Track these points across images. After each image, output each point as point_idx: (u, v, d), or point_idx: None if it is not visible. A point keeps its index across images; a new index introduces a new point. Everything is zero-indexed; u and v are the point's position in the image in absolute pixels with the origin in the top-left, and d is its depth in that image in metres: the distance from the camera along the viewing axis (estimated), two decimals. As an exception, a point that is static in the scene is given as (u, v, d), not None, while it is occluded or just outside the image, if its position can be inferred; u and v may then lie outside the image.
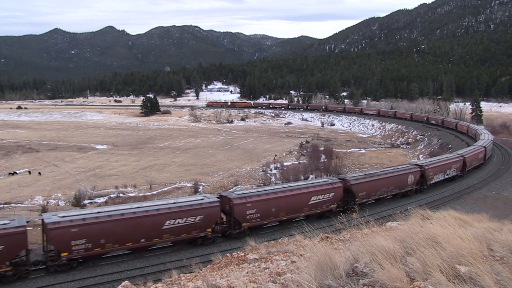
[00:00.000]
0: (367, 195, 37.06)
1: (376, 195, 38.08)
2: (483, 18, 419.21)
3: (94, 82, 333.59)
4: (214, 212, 28.01)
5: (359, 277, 6.06)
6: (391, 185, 39.22)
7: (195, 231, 27.11)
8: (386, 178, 38.92)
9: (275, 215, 30.67)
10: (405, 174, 41.05)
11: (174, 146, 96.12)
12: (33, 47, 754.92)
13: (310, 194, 32.74)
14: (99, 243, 24.00)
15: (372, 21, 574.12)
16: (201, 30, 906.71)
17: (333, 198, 34.25)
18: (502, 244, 6.85)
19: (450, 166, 47.81)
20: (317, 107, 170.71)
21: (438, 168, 45.47)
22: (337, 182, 35.27)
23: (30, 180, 64.84)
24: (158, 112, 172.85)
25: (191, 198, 29.22)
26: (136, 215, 25.19)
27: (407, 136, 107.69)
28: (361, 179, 36.86)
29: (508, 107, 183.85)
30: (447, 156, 52.69)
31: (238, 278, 8.34)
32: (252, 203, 29.05)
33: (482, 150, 57.88)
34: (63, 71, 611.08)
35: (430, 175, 43.67)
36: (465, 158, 50.57)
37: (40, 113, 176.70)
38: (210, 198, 28.61)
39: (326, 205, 33.83)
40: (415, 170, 42.22)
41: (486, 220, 12.12)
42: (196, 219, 26.84)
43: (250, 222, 29.23)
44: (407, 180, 41.03)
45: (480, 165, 57.74)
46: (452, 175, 48.55)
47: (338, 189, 34.62)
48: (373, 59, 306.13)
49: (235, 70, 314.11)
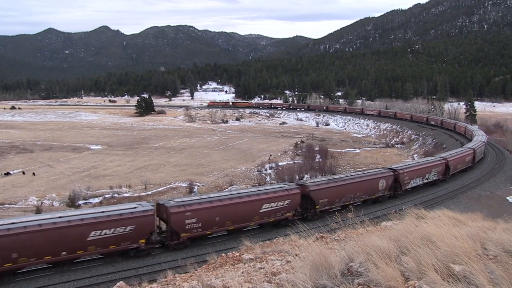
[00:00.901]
0: (330, 202, 34.40)
1: (341, 201, 35.28)
2: (477, 18, 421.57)
3: (89, 82, 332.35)
4: (147, 221, 25.75)
5: (354, 276, 6.07)
6: (359, 191, 36.63)
7: (125, 242, 24.92)
8: (352, 184, 36.26)
9: (220, 225, 28.34)
10: (375, 178, 38.34)
11: (169, 146, 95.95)
12: (27, 47, 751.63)
13: (261, 202, 30.14)
14: (10, 258, 21.85)
15: (366, 21, 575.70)
16: (196, 30, 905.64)
17: (289, 206, 31.66)
18: (496, 243, 6.90)
19: (430, 170, 45.14)
20: (318, 107, 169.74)
21: (415, 172, 42.85)
22: (294, 188, 32.73)
23: (24, 181, 64.54)
24: (153, 112, 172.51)
25: (122, 207, 26.83)
26: (56, 225, 23.13)
27: (401, 136, 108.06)
28: (323, 184, 34.36)
29: (502, 107, 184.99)
30: (427, 159, 50.26)
31: (233, 278, 8.34)
32: (192, 212, 26.91)
33: (469, 152, 55.08)
34: (57, 71, 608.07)
35: (405, 179, 41.13)
36: (448, 161, 48.07)
37: (34, 113, 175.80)
38: (144, 206, 26.39)
39: (281, 213, 31.25)
40: (387, 174, 39.60)
41: (480, 219, 12.18)
42: (126, 230, 24.71)
43: (190, 232, 27.05)
44: (378, 185, 38.34)
45: (468, 168, 54.98)
46: (433, 179, 45.99)
47: (295, 195, 32.04)
48: (367, 59, 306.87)
49: (230, 70, 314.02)
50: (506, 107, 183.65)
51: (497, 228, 8.84)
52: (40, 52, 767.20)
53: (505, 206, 38.78)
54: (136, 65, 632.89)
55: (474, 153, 56.11)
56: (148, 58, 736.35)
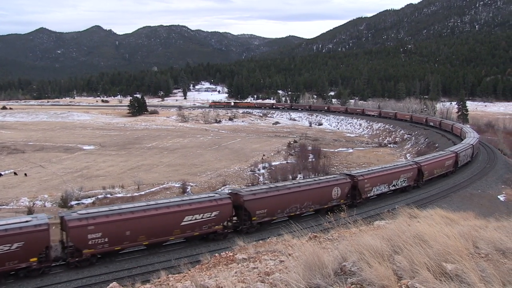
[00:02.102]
0: (270, 213, 30.76)
1: (284, 212, 31.72)
2: (468, 18, 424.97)
3: (81, 82, 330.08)
4: (40, 237, 22.48)
5: (348, 276, 6.09)
6: (307, 200, 32.91)
7: (12, 262, 21.61)
8: (299, 192, 32.47)
9: (131, 240, 25.28)
10: (328, 186, 34.58)
11: (162, 146, 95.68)
12: (17, 47, 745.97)
13: (182, 214, 26.74)
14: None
15: (359, 21, 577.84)
16: (189, 30, 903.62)
17: (218, 218, 28.29)
18: (487, 242, 6.96)
19: (398, 176, 41.43)
20: (320, 108, 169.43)
21: (378, 179, 39.11)
22: (224, 198, 29.13)
23: (15, 181, 64.05)
24: (145, 112, 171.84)
25: (11, 221, 22.92)
26: None
27: (394, 136, 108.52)
28: (260, 193, 30.59)
29: (493, 106, 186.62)
30: (395, 164, 46.26)
31: (227, 278, 8.34)
32: (96, 225, 23.87)
33: (450, 156, 51.13)
34: (49, 71, 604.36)
35: (365, 187, 37.54)
36: (421, 166, 44.39)
37: (26, 113, 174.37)
38: (39, 220, 23.12)
39: (208, 225, 27.87)
40: (343, 181, 35.92)
41: (472, 218, 12.29)
42: (12, 247, 21.44)
43: (95, 249, 24.03)
44: (332, 193, 34.62)
45: (449, 173, 51.19)
46: (402, 186, 42.20)
47: (225, 206, 28.64)
48: (360, 59, 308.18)
49: (223, 70, 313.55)
50: (497, 107, 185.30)
51: (489, 227, 8.91)
52: (31, 51, 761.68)
53: (496, 205, 39.13)
54: (129, 65, 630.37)
55: (456, 157, 52.06)
56: (140, 58, 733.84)
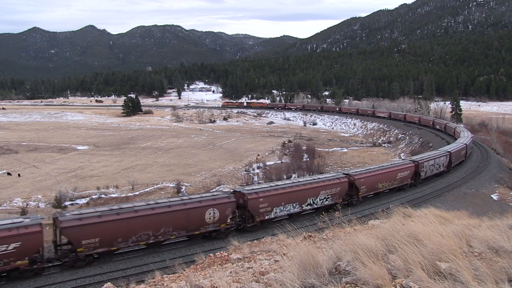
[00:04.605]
0: (101, 244, 24.14)
1: (126, 243, 25.08)
2: (462, 19, 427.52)
3: (75, 82, 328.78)
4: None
5: (342, 275, 6.11)
6: (165, 226, 26.08)
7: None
8: (147, 216, 25.40)
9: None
10: (201, 207, 27.64)
11: (156, 146, 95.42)
12: (10, 46, 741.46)
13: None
14: None
15: (353, 21, 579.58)
16: (183, 30, 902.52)
17: None
18: (481, 240, 6.99)
19: (317, 192, 33.67)
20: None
21: (281, 197, 31.42)
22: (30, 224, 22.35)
23: (9, 182, 63.60)
24: (140, 112, 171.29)
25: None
26: None
27: (388, 135, 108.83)
28: (89, 218, 23.82)
29: (486, 106, 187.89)
30: (319, 177, 37.78)
31: (222, 278, 8.33)
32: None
33: (407, 167, 43.17)
34: (43, 70, 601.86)
35: (260, 207, 30.03)
36: (355, 179, 36.17)
37: (19, 113, 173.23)
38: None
39: None
40: (223, 201, 28.64)
41: (466, 217, 12.35)
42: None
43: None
44: (205, 216, 27.69)
45: (406, 186, 43.27)
46: (323, 204, 33.72)
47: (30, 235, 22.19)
48: (354, 58, 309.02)
49: (217, 69, 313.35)
50: (490, 106, 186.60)
51: (482, 226, 8.97)
52: (24, 51, 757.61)
53: (489, 204, 39.36)
54: (123, 64, 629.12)
55: (416, 167, 44.05)
56: (135, 58, 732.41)
